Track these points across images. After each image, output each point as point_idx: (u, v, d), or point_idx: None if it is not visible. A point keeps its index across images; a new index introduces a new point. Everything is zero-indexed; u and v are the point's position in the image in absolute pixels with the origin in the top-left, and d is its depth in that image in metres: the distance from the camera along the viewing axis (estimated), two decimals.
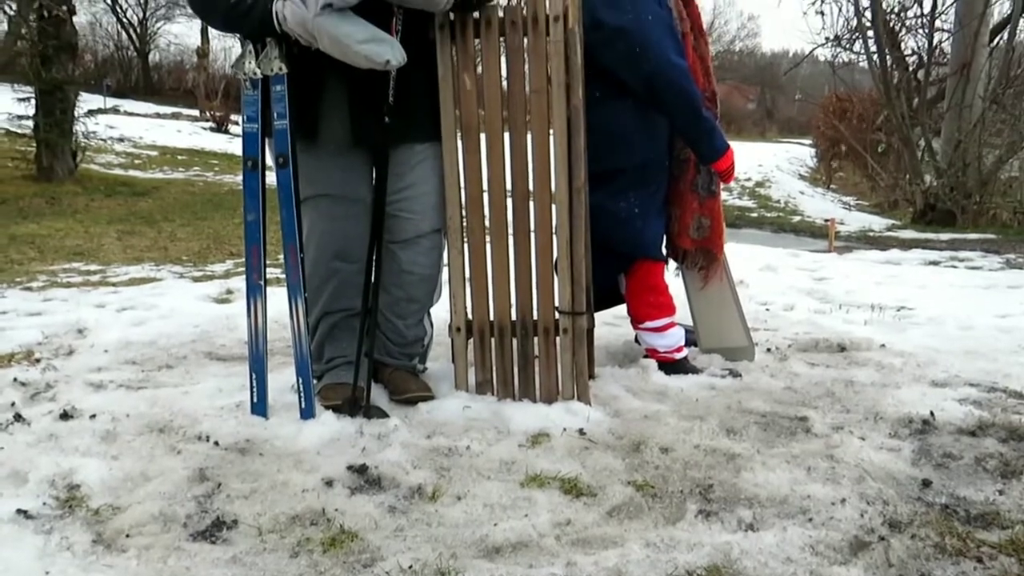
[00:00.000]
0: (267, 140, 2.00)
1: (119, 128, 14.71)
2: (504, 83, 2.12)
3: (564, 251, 2.17)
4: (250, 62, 1.91)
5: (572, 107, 2.10)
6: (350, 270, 2.12)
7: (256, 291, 2.01)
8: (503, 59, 2.11)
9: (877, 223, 9.16)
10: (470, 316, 2.22)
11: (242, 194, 2.02)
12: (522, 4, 2.07)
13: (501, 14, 2.08)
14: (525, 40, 2.09)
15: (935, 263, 5.67)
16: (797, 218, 9.44)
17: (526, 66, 2.10)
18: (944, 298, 4.02)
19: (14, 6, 9.68)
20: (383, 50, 1.79)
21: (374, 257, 2.09)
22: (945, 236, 7.42)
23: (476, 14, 2.05)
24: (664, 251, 2.57)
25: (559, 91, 2.08)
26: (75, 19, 9.43)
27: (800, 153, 21.87)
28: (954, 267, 5.49)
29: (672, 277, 2.63)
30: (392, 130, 2.01)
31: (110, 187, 9.07)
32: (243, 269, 4.55)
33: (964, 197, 8.48)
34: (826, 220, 8.21)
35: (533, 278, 2.18)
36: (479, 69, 2.11)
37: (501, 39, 2.10)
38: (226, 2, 1.83)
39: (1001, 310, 3.60)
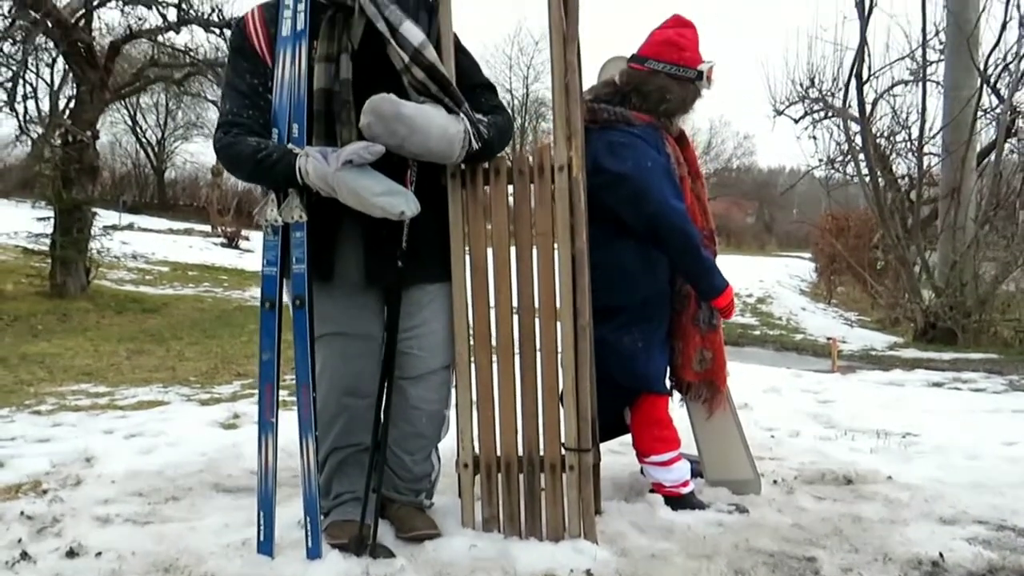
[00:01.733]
0: (284, 281, 2.09)
1: (132, 244, 15.07)
2: (511, 227, 2.23)
3: (570, 387, 2.21)
4: (272, 210, 2.02)
5: (576, 249, 2.20)
6: (360, 406, 2.16)
7: (268, 429, 2.04)
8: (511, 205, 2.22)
9: (879, 341, 9.21)
10: (477, 451, 2.24)
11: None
12: (529, 155, 2.21)
13: (509, 163, 2.21)
14: (532, 187, 2.21)
15: (938, 384, 5.68)
16: (800, 336, 9.51)
17: (533, 211, 2.22)
18: (949, 424, 4.02)
19: (40, 129, 10.15)
20: (398, 202, 1.90)
21: (384, 393, 2.14)
22: (947, 356, 7.46)
23: (486, 164, 2.18)
24: (668, 383, 2.63)
25: (564, 234, 2.19)
26: (97, 142, 9.86)
27: (800, 268, 22.20)
28: (958, 389, 5.50)
29: (677, 408, 2.67)
30: (404, 272, 2.09)
31: (121, 304, 9.23)
32: (250, 391, 4.61)
33: (964, 316, 8.57)
34: (828, 339, 8.28)
35: (539, 414, 2.22)
36: (488, 214, 2.22)
37: (509, 186, 2.22)
38: (252, 158, 1.96)
39: (1007, 436, 3.60)
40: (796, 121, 12.00)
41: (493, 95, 2.23)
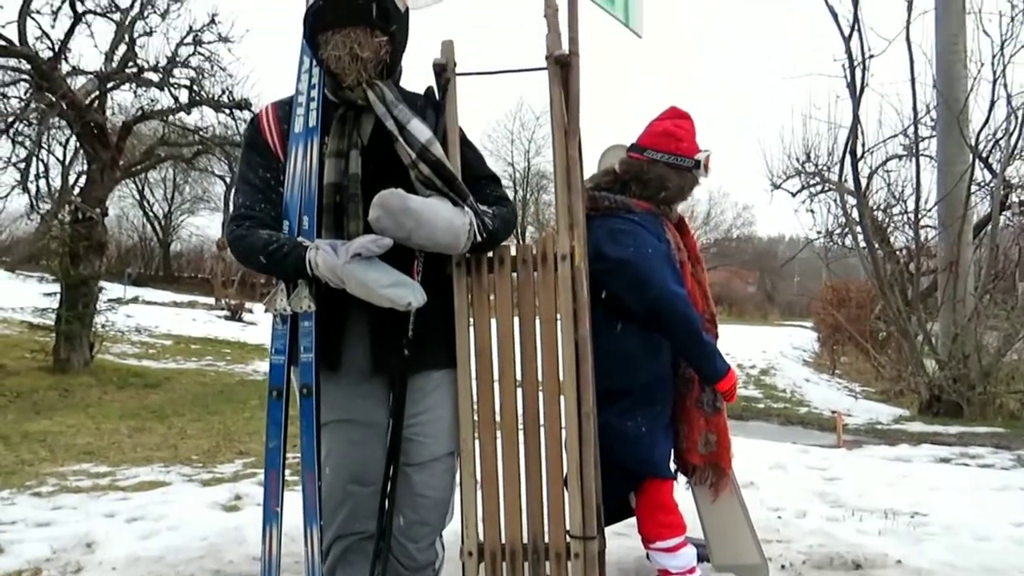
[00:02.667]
0: (292, 369, 2.12)
1: (136, 317, 15.12)
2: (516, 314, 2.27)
3: (574, 473, 2.22)
4: (281, 300, 2.06)
5: (579, 336, 2.23)
6: (365, 493, 2.16)
7: (272, 519, 2.04)
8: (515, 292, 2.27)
9: (885, 413, 9.15)
10: (481, 539, 2.23)
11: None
12: (532, 244, 2.27)
13: (513, 252, 2.27)
14: (536, 275, 2.26)
15: (946, 460, 5.63)
16: (804, 409, 9.45)
17: (536, 298, 2.26)
18: (957, 502, 3.99)
19: (49, 204, 10.33)
20: (405, 293, 1.95)
21: (389, 480, 2.14)
22: (954, 429, 7.40)
23: (490, 253, 2.24)
24: (673, 467, 2.63)
25: (567, 321, 2.23)
26: (105, 218, 10.03)
27: (803, 338, 22.16)
28: (965, 465, 5.45)
29: (682, 491, 2.66)
30: (410, 359, 2.13)
31: (123, 378, 9.22)
32: (252, 470, 4.58)
33: (968, 388, 8.54)
34: (833, 412, 8.23)
35: (544, 500, 2.22)
36: (492, 301, 2.26)
37: (513, 274, 2.27)
38: (264, 250, 2.02)
39: (1016, 516, 3.56)
40: (793, 195, 12.21)
41: (497, 186, 2.30)
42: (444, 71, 2.27)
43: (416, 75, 2.27)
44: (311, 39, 2.08)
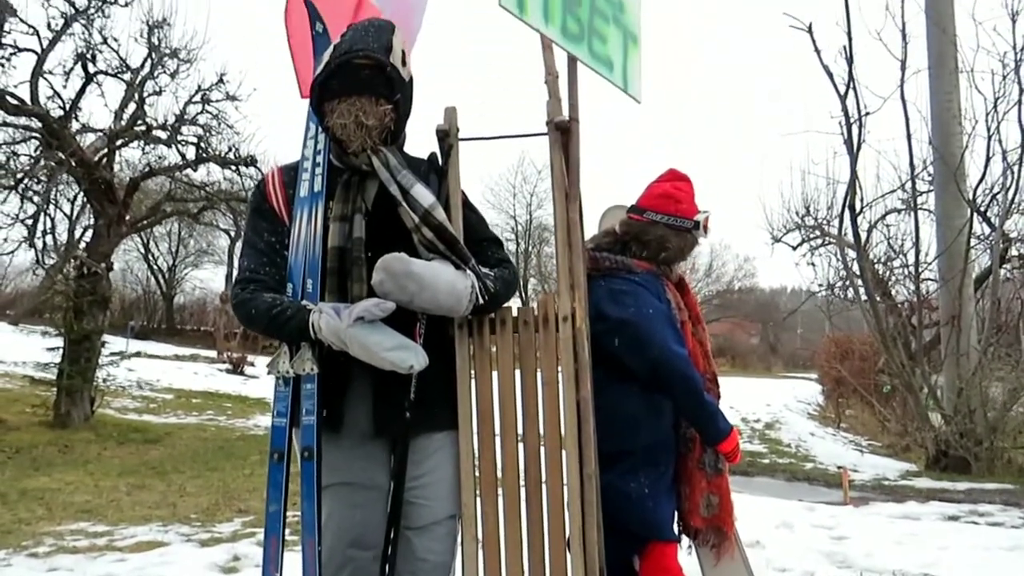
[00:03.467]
0: (294, 431, 2.12)
1: (138, 371, 15.09)
2: (517, 375, 2.28)
3: (576, 536, 2.20)
4: (284, 362, 2.08)
5: (581, 397, 2.24)
6: (365, 557, 2.14)
7: None
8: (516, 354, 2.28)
9: (891, 469, 9.04)
10: None
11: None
12: (533, 305, 2.29)
13: (515, 314, 2.29)
14: (537, 337, 2.27)
15: (954, 518, 5.56)
16: (810, 465, 9.34)
17: (538, 360, 2.27)
18: (967, 562, 3.93)
19: (54, 256, 10.40)
20: (407, 356, 1.96)
21: (390, 544, 2.12)
22: (962, 485, 7.31)
23: (492, 314, 2.26)
24: (676, 529, 2.60)
25: (568, 383, 2.23)
26: (110, 272, 10.09)
27: (807, 390, 22.03)
28: (975, 523, 5.37)
29: (685, 555, 2.62)
30: (412, 421, 2.13)
31: (123, 433, 9.16)
32: (251, 529, 4.52)
33: (975, 443, 8.45)
34: (839, 467, 8.14)
35: (547, 564, 2.19)
36: (494, 362, 2.27)
37: (515, 336, 2.29)
38: (268, 313, 2.04)
39: None
40: (794, 248, 12.28)
41: (499, 249, 2.34)
42: (447, 136, 2.32)
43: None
44: (317, 108, 2.13)
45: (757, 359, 42.15)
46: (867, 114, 8.83)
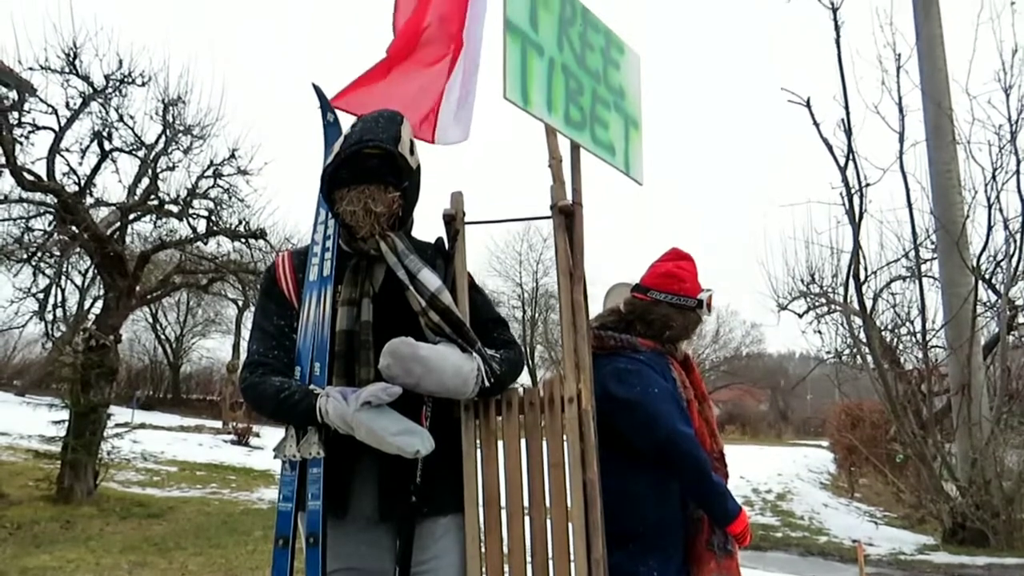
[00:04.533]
0: (299, 515, 2.11)
1: (142, 443, 14.99)
2: (524, 457, 2.27)
3: None
4: (291, 446, 2.08)
5: (588, 480, 2.23)
6: None
7: None
8: (522, 436, 2.28)
9: (908, 542, 8.83)
10: None
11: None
12: (539, 386, 2.30)
13: (521, 395, 2.30)
14: (543, 418, 2.28)
15: None
16: (824, 538, 9.14)
17: (544, 442, 2.27)
18: None
19: (63, 328, 10.45)
20: (414, 441, 1.97)
21: None
22: (981, 560, 7.14)
23: (498, 396, 2.27)
24: None
25: (575, 465, 2.23)
26: (118, 344, 10.13)
27: (819, 459, 21.69)
28: None
29: None
30: (418, 506, 2.12)
31: (126, 508, 9.05)
32: None
33: (992, 516, 8.28)
34: (854, 542, 7.96)
35: None
36: (500, 444, 2.27)
37: (520, 417, 2.29)
38: (276, 398, 2.06)
39: None
40: (800, 316, 12.27)
41: (505, 330, 2.36)
42: (453, 221, 2.37)
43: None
44: (328, 195, 2.20)
45: (767, 426, 41.62)
46: (867, 185, 8.96)
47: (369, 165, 2.12)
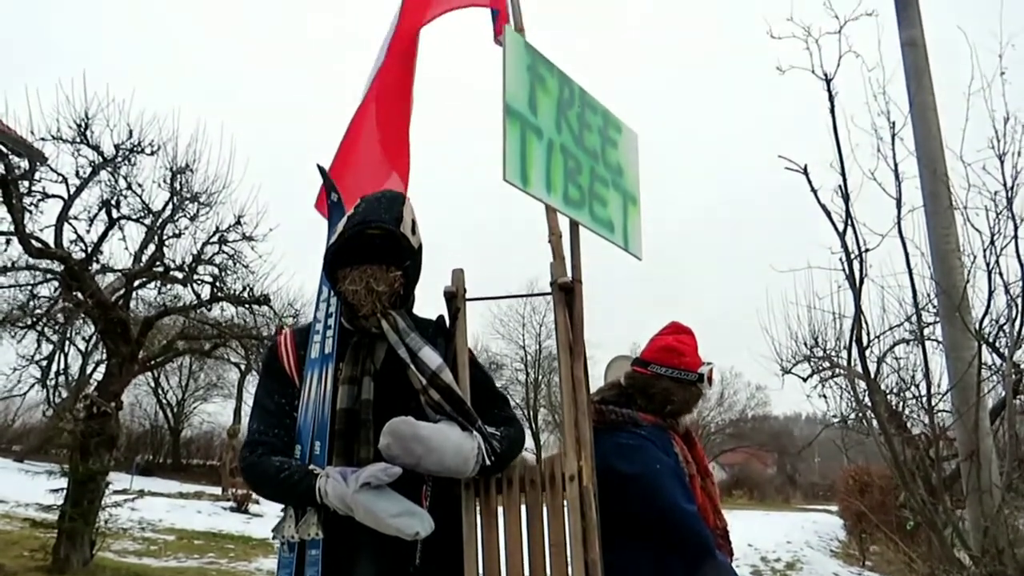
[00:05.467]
0: None
1: (141, 511, 14.76)
2: (525, 536, 2.25)
3: None
4: (290, 527, 2.07)
5: (590, 560, 2.20)
6: None
7: None
8: (523, 514, 2.26)
9: None
10: None
11: None
12: (541, 464, 2.29)
13: (521, 473, 2.28)
14: (544, 496, 2.26)
15: None
16: None
17: (545, 521, 2.25)
18: None
19: (64, 393, 10.40)
20: (413, 523, 1.95)
21: None
22: None
23: (499, 474, 2.26)
24: None
25: (576, 544, 2.20)
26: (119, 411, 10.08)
27: (829, 524, 21.26)
28: None
29: None
30: None
31: None
32: None
33: None
34: None
35: None
36: (501, 524, 2.25)
37: (521, 495, 2.28)
38: (275, 478, 2.05)
39: None
40: (804, 379, 12.19)
41: (505, 406, 2.37)
42: (455, 298, 2.40)
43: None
44: (330, 274, 2.23)
45: (775, 490, 40.93)
46: (867, 250, 9.00)
47: (372, 245, 2.17)
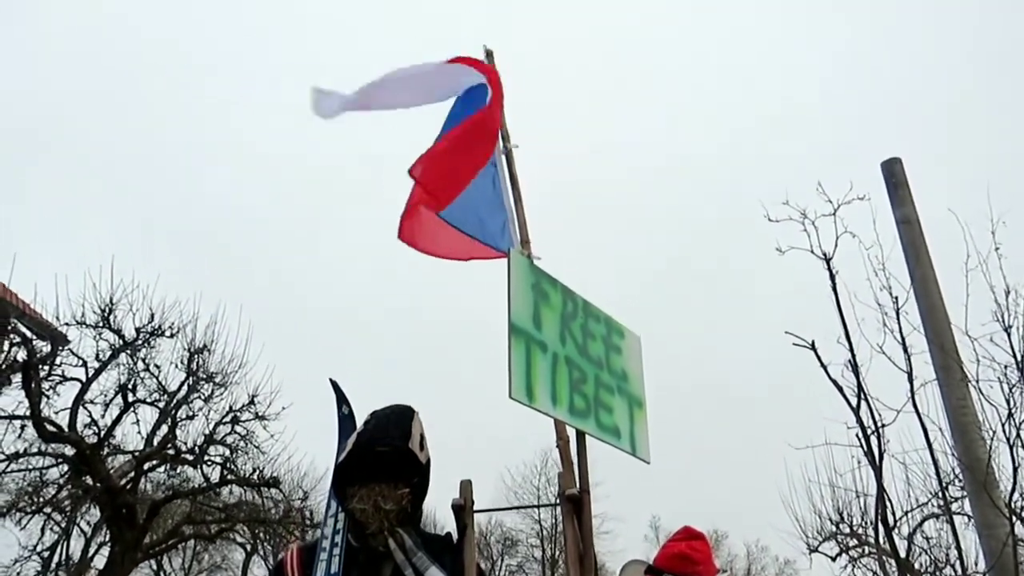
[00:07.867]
0: None
1: None
2: None
3: None
4: None
5: None
6: None
7: None
8: None
9: None
10: None
11: None
12: None
13: None
14: None
15: None
16: None
17: None
18: None
19: None
20: None
21: None
22: None
23: None
24: None
25: None
26: None
27: None
28: None
29: None
30: None
31: None
32: None
33: None
34: None
35: None
36: None
37: None
38: None
39: None
40: (833, 559, 11.64)
41: None
42: (463, 511, 2.39)
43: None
44: (338, 491, 2.25)
45: None
46: (883, 426, 8.86)
47: (380, 463, 2.20)
